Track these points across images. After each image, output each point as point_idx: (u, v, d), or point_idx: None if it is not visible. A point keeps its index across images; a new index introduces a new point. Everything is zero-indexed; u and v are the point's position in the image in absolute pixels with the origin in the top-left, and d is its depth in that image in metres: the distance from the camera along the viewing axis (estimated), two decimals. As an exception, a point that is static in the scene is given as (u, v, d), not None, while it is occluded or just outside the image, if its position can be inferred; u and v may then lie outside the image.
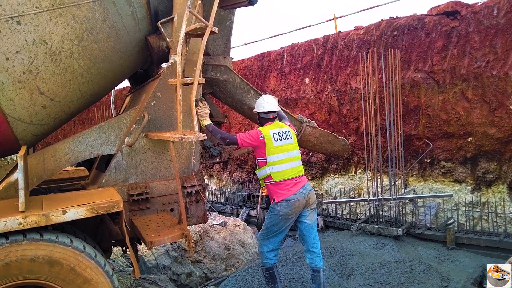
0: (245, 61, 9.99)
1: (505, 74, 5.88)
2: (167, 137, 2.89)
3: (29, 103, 2.77)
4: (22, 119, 2.78)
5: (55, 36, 2.73)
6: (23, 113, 2.77)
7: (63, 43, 2.79)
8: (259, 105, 3.78)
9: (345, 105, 7.82)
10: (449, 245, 5.54)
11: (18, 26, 2.58)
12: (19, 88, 2.68)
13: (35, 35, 2.65)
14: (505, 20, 5.84)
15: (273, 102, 3.78)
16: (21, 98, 2.71)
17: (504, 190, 6.15)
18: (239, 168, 10.38)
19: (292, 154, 3.68)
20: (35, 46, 2.66)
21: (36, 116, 2.86)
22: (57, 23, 2.73)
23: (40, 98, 2.81)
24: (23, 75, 2.66)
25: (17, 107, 2.72)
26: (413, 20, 6.86)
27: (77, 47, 2.88)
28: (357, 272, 4.86)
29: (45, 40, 2.69)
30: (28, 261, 2.21)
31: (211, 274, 5.53)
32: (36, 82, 2.74)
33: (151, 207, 3.24)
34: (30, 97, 2.75)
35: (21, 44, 2.61)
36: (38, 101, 2.81)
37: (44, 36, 2.68)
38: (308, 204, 3.67)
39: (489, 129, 6.16)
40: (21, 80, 2.66)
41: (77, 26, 2.84)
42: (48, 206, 2.38)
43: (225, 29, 4.15)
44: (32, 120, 2.85)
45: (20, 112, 2.75)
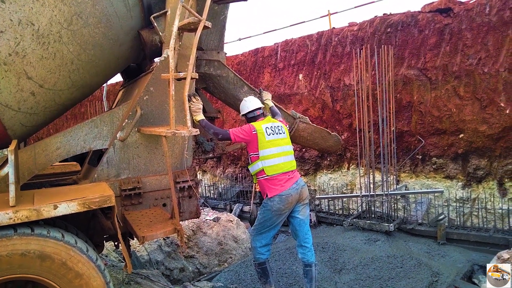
0: (239, 57, 9.96)
1: (496, 71, 5.94)
2: (159, 132, 2.88)
3: (16, 88, 2.67)
4: (9, 105, 2.68)
5: (42, 17, 2.65)
6: (10, 99, 2.67)
7: (51, 26, 2.70)
8: (243, 107, 3.85)
9: (339, 101, 7.85)
10: (439, 240, 5.61)
11: (2, 4, 2.50)
12: (5, 71, 2.58)
13: (21, 15, 2.57)
14: (497, 18, 5.88)
15: (255, 100, 3.85)
16: (7, 82, 2.61)
17: (494, 186, 6.23)
18: (232, 164, 10.39)
19: (285, 148, 3.71)
20: (21, 26, 2.58)
21: (25, 103, 2.75)
22: (45, 4, 2.65)
23: (28, 83, 2.70)
24: (8, 57, 2.57)
25: (3, 92, 2.61)
26: (407, 17, 6.89)
27: (66, 31, 2.79)
28: (349, 267, 4.91)
29: (31, 21, 2.61)
30: (19, 255, 2.19)
31: (204, 269, 5.54)
32: (23, 66, 2.64)
33: (143, 202, 3.23)
34: (17, 82, 2.66)
35: (6, 23, 2.52)
36: (26, 86, 2.71)
37: (30, 17, 2.61)
38: (301, 200, 3.71)
39: (480, 126, 6.23)
40: (6, 62, 2.57)
41: (65, 9, 2.76)
42: (39, 200, 2.36)
43: (219, 24, 4.13)
44: (20, 108, 2.74)
45: (6, 98, 2.64)
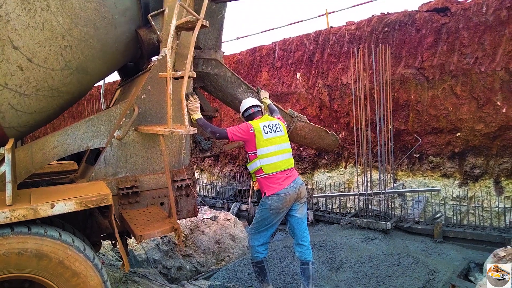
0: (237, 56, 9.95)
1: (493, 70, 5.96)
2: (157, 131, 2.88)
3: (1, 57, 2.48)
4: None
5: None
6: None
7: None
8: (241, 108, 3.91)
9: (336, 100, 7.86)
10: (436, 238, 5.64)
11: None
12: None
13: None
14: (493, 17, 5.90)
15: (250, 99, 3.92)
16: None
17: (491, 184, 6.26)
18: (230, 163, 10.39)
19: (283, 146, 3.71)
20: None
21: (12, 78, 2.56)
22: None
23: (14, 53, 2.50)
24: None
25: None
26: (404, 16, 6.90)
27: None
28: (346, 265, 4.93)
29: None
30: (15, 254, 2.19)
31: (201, 267, 5.55)
32: (7, 32, 2.45)
33: (141, 201, 3.23)
34: (1, 50, 2.47)
35: None
36: (12, 57, 2.51)
37: None
38: (299, 198, 3.71)
39: (477, 124, 6.25)
40: None
41: None
42: (36, 199, 2.36)
43: (217, 23, 4.12)
44: (7, 83, 2.53)
45: None
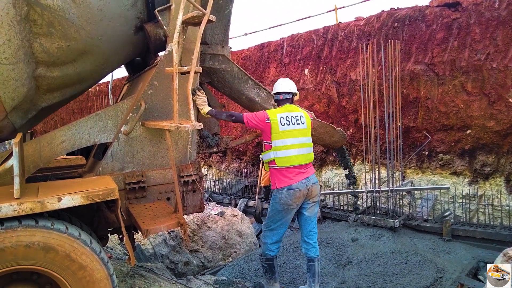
0: (244, 52, 9.93)
1: (505, 66, 5.85)
2: (163, 126, 2.88)
3: None
4: None
5: None
6: None
7: None
8: (274, 88, 3.73)
9: (344, 96, 7.80)
10: (445, 237, 5.57)
11: None
12: None
13: None
14: (506, 12, 5.78)
15: (286, 83, 3.68)
16: None
17: (501, 183, 6.16)
18: (237, 159, 10.39)
19: (301, 140, 3.54)
20: None
21: None
22: None
23: None
24: None
25: None
26: (414, 12, 6.80)
27: None
28: (353, 263, 4.90)
29: None
30: (23, 247, 2.22)
31: (208, 263, 5.57)
32: None
33: (147, 196, 3.25)
34: None
35: None
36: None
37: None
38: (310, 197, 3.62)
39: (487, 122, 6.15)
40: None
41: None
42: (44, 193, 2.38)
43: (223, 18, 4.10)
44: None
45: None
